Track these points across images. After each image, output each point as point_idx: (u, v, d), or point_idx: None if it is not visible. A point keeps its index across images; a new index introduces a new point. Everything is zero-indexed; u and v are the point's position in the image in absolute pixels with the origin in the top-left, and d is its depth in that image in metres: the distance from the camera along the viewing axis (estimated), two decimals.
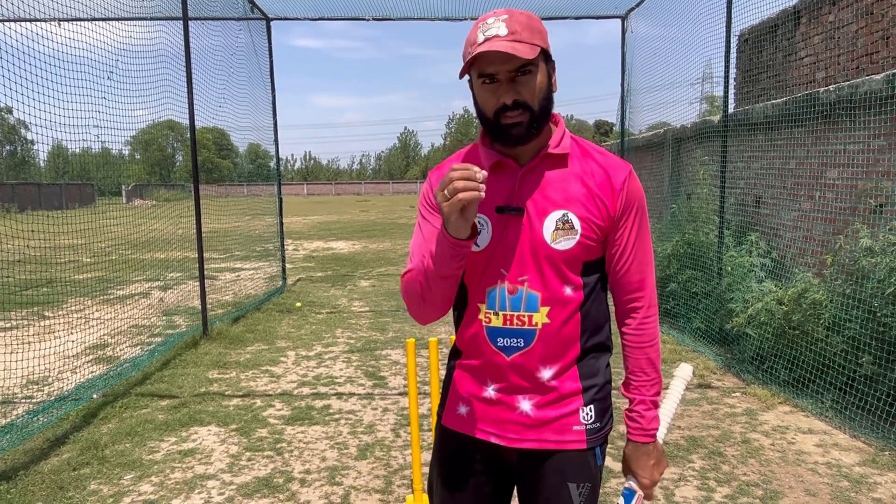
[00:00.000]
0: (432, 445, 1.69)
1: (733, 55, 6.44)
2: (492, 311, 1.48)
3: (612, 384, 1.62)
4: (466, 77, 1.46)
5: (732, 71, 6.18)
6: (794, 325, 4.69)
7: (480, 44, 1.37)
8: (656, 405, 1.54)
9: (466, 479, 1.59)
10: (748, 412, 4.39)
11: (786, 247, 5.56)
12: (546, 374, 1.48)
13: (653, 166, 8.96)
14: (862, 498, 3.21)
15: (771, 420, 4.24)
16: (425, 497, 3.03)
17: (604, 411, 1.54)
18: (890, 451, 3.68)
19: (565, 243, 1.44)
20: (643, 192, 1.52)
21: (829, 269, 4.64)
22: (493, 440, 1.53)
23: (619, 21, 8.80)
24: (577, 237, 1.44)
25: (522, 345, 1.47)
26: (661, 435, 1.56)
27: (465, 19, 8.17)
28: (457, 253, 1.34)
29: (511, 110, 1.39)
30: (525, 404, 1.50)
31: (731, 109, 6.28)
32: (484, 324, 1.49)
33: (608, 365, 1.58)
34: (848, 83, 4.79)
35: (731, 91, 6.71)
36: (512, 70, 1.38)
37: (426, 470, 3.47)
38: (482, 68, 1.39)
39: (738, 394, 4.77)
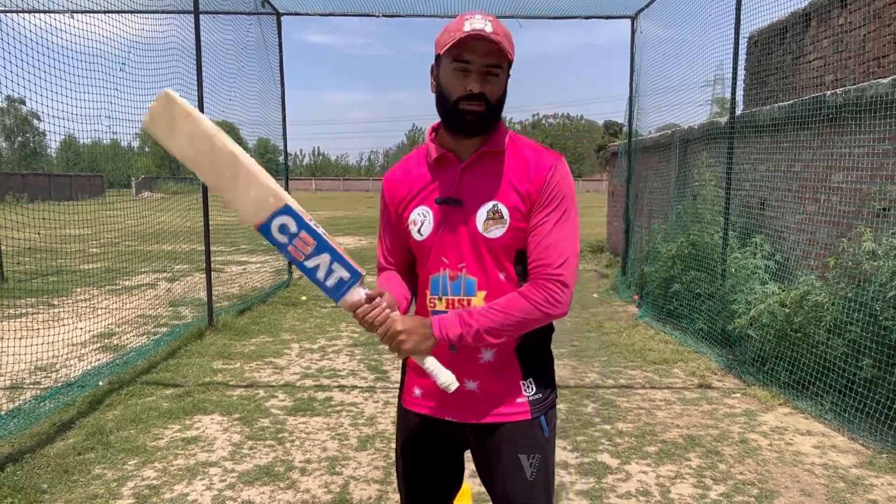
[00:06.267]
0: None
1: (742, 57, 6.44)
2: (436, 297, 1.60)
3: (553, 358, 1.72)
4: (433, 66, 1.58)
5: (741, 73, 6.17)
6: (795, 327, 4.70)
7: (469, 30, 1.45)
8: (469, 329, 1.49)
9: (425, 455, 1.71)
10: (747, 413, 4.40)
11: (790, 249, 5.55)
12: (487, 354, 1.58)
13: (659, 167, 8.95)
14: (857, 499, 3.23)
15: (770, 421, 4.26)
16: None
17: (544, 384, 1.65)
18: (888, 453, 3.69)
19: (496, 231, 1.54)
20: (570, 181, 1.57)
21: (832, 271, 4.65)
22: (448, 418, 1.63)
23: (628, 22, 8.80)
24: (507, 226, 1.54)
25: None
26: (430, 363, 1.50)
27: None
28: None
29: (474, 99, 1.49)
30: (471, 384, 1.60)
31: (738, 111, 6.28)
32: (430, 308, 1.61)
33: (546, 339, 1.68)
34: (855, 87, 4.79)
35: (740, 93, 6.71)
36: (486, 64, 1.48)
37: None
38: (461, 54, 1.48)
39: (738, 394, 4.78)
